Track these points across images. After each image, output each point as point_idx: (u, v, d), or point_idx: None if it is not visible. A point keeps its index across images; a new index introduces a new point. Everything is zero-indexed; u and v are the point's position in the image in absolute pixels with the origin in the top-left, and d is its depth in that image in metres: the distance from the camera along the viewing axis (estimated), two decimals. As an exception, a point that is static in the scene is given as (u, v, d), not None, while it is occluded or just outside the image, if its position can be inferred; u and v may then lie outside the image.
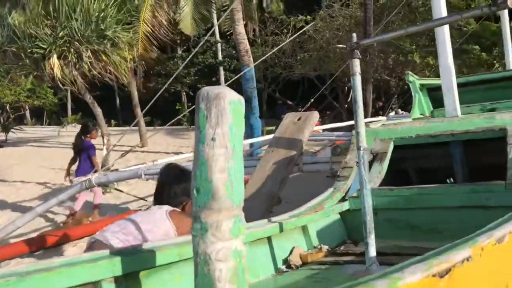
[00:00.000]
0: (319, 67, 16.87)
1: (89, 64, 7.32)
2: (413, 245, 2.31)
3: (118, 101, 28.62)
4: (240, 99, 1.00)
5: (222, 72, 20.16)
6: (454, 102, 2.90)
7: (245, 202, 3.19)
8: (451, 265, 0.96)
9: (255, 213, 3.29)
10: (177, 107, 17.92)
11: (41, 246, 6.10)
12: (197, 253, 0.94)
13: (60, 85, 7.68)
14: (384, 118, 11.79)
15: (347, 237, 2.48)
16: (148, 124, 17.18)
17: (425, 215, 2.31)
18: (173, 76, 5.68)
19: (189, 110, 14.78)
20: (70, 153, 7.34)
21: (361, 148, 1.57)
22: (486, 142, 2.75)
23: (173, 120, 6.25)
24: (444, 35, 2.95)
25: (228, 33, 18.32)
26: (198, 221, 0.94)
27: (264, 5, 25.18)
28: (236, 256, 0.93)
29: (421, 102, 5.21)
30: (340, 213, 2.50)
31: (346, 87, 20.46)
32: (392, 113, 15.13)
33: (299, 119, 4.10)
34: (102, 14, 7.52)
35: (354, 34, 1.63)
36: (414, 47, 13.84)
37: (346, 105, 19.96)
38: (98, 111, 8.54)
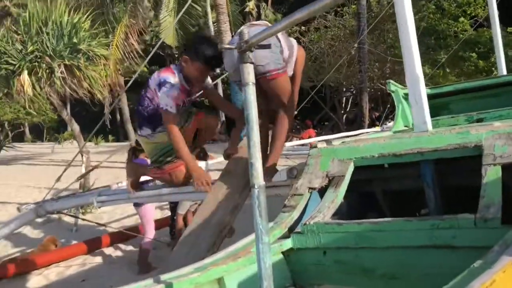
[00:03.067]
0: (315, 78, 16.50)
1: (61, 79, 6.96)
2: (365, 295, 1.87)
3: (110, 117, 28.58)
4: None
5: (220, 85, 19.87)
6: (423, 115, 2.47)
7: (190, 235, 2.69)
8: None
9: (201, 246, 2.86)
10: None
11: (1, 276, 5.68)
12: None
13: (28, 104, 7.31)
14: (378, 128, 11.33)
15: (291, 283, 2.03)
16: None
17: (380, 256, 1.86)
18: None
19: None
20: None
21: (256, 186, 1.15)
22: (460, 161, 2.31)
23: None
24: (409, 40, 2.53)
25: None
26: None
27: (263, 16, 25.03)
28: None
29: (404, 113, 4.78)
30: (283, 253, 2.05)
31: (344, 97, 20.09)
32: (391, 123, 14.64)
33: (261, 137, 3.68)
34: (75, 28, 7.18)
35: (245, 30, 1.17)
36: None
37: (344, 116, 19.56)
38: (75, 127, 8.20)
